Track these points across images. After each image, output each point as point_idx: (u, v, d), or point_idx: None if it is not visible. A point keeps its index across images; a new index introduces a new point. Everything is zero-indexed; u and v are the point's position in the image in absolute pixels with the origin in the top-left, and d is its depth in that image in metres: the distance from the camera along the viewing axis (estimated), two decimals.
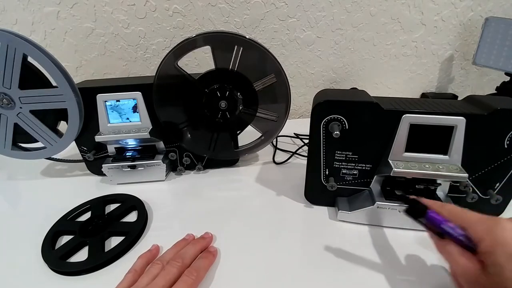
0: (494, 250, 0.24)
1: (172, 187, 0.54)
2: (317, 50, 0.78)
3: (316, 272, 0.36)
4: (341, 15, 0.74)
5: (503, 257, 0.23)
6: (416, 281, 0.35)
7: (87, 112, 0.50)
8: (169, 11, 0.69)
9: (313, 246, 0.40)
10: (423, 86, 0.88)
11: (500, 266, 0.23)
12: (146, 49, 0.73)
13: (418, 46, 0.81)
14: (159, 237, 0.42)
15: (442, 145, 0.37)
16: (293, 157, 0.63)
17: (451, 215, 0.29)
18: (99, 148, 0.54)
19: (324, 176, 0.44)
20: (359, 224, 0.43)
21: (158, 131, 0.52)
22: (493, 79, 0.88)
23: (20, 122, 0.49)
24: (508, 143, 0.37)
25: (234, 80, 0.49)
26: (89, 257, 0.38)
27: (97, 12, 0.67)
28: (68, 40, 0.70)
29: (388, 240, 0.40)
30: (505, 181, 0.39)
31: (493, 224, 0.26)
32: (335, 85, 0.84)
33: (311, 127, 0.41)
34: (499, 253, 0.24)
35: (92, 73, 0.75)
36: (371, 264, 0.37)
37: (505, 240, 0.24)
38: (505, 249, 0.24)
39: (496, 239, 0.24)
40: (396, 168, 0.37)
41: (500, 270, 0.23)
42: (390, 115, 0.37)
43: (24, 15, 0.66)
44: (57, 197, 0.53)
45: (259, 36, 0.74)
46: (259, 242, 0.41)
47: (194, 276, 0.33)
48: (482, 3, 0.77)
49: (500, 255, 0.24)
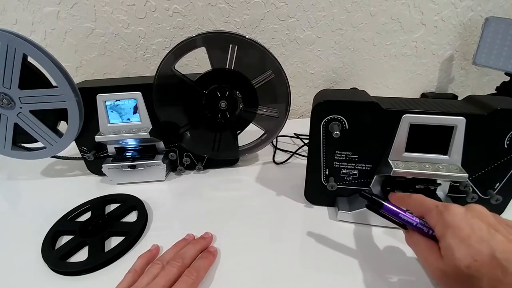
0: (445, 234, 0.25)
1: (172, 187, 0.54)
2: (317, 50, 0.78)
3: (316, 272, 0.36)
4: (341, 15, 0.74)
5: (453, 240, 0.24)
6: (416, 281, 0.35)
7: (87, 112, 0.50)
8: (169, 11, 0.69)
9: (313, 246, 0.40)
10: (423, 86, 0.88)
11: (451, 248, 0.24)
12: (146, 49, 0.73)
13: (418, 46, 0.81)
14: (159, 237, 0.42)
15: (442, 145, 0.37)
16: (293, 157, 0.63)
17: (415, 204, 0.30)
18: (99, 148, 0.54)
19: (324, 176, 0.44)
20: (359, 224, 0.43)
21: (158, 131, 0.52)
22: (493, 79, 0.88)
23: (20, 122, 0.49)
24: (508, 143, 0.37)
25: (232, 79, 0.49)
26: (89, 257, 0.38)
27: (97, 12, 0.67)
28: (68, 40, 0.70)
29: (388, 240, 0.40)
30: (505, 181, 0.39)
31: (443, 209, 0.27)
32: (335, 85, 0.84)
33: (311, 127, 0.41)
34: (449, 236, 0.25)
35: (92, 73, 0.75)
36: (371, 264, 0.37)
37: (454, 224, 0.25)
38: (455, 232, 0.25)
39: (446, 223, 0.26)
40: (396, 168, 0.37)
41: (451, 252, 0.24)
42: (390, 115, 0.37)
43: (24, 15, 0.66)
44: (57, 197, 0.53)
45: (259, 36, 0.74)
46: (259, 242, 0.41)
47: (194, 276, 0.33)
48: (482, 3, 0.77)
49: (450, 237, 0.25)
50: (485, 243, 0.23)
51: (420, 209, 0.30)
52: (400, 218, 0.30)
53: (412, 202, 0.31)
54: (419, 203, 0.30)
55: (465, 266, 0.23)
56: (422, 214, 0.29)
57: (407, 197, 0.32)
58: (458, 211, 0.26)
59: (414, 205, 0.31)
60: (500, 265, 0.22)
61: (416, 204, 0.30)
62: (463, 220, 0.25)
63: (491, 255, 0.22)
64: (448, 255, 0.24)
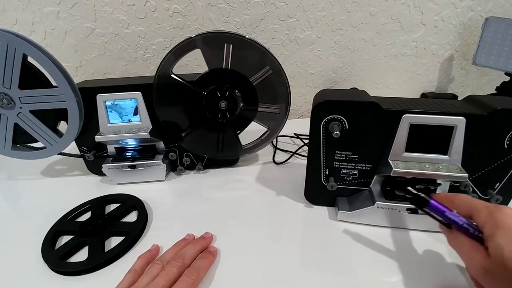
0: (495, 233, 0.25)
1: (172, 187, 0.54)
2: (317, 50, 0.78)
3: (316, 272, 0.36)
4: (341, 15, 0.74)
5: (503, 239, 0.24)
6: (416, 281, 0.35)
7: (87, 112, 0.50)
8: (169, 11, 0.69)
9: (313, 246, 0.40)
10: (423, 86, 0.88)
11: (500, 248, 0.24)
12: (146, 49, 0.73)
13: (418, 46, 0.81)
14: (159, 237, 0.42)
15: (442, 145, 0.37)
16: (293, 157, 0.63)
17: (462, 203, 0.30)
18: (99, 148, 0.54)
19: (324, 176, 0.44)
20: (359, 224, 0.43)
21: (158, 131, 0.52)
22: (493, 79, 0.88)
23: (20, 122, 0.49)
24: (508, 143, 0.37)
25: (230, 78, 0.49)
26: (89, 257, 0.38)
27: (97, 12, 0.67)
28: (68, 40, 0.70)
29: (388, 240, 0.40)
30: (505, 181, 0.39)
31: (494, 209, 0.27)
32: (335, 85, 0.84)
33: (311, 127, 0.41)
34: (499, 235, 0.25)
35: (92, 73, 0.75)
36: (371, 264, 0.37)
37: (505, 224, 0.25)
38: (505, 232, 0.25)
39: (497, 223, 0.26)
40: (396, 168, 0.37)
41: (501, 252, 0.24)
42: (390, 115, 0.37)
43: (24, 15, 0.66)
44: (57, 197, 0.53)
45: (259, 36, 0.74)
46: (259, 242, 0.41)
47: (194, 276, 0.33)
48: (482, 3, 0.77)
49: (500, 237, 0.25)
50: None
51: (468, 208, 0.29)
52: (445, 216, 0.30)
53: (459, 201, 0.30)
54: (467, 203, 0.30)
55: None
56: (469, 214, 0.29)
57: (453, 197, 0.31)
58: (510, 212, 0.26)
59: (461, 205, 0.30)
60: None
61: (464, 204, 0.30)
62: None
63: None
64: (497, 254, 0.24)
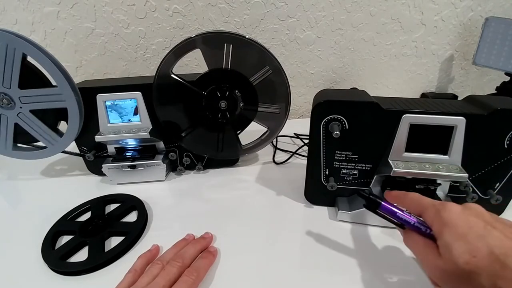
0: (442, 231, 0.25)
1: (172, 187, 0.54)
2: (317, 50, 0.78)
3: (316, 272, 0.36)
4: (341, 15, 0.74)
5: (450, 237, 0.24)
6: (416, 281, 0.35)
7: (87, 112, 0.50)
8: (169, 11, 0.69)
9: (313, 246, 0.40)
10: (423, 86, 0.88)
11: (449, 246, 0.24)
12: (146, 49, 0.73)
13: (418, 46, 0.81)
14: (159, 237, 0.42)
15: (442, 145, 0.37)
16: (293, 157, 0.63)
17: (412, 203, 0.30)
18: (99, 148, 0.54)
19: (324, 176, 0.44)
20: (359, 224, 0.43)
21: (158, 131, 0.52)
22: (493, 79, 0.88)
23: (20, 122, 0.49)
24: (508, 143, 0.37)
25: (230, 78, 0.49)
26: (89, 257, 0.38)
27: (97, 12, 0.67)
28: (68, 40, 0.70)
29: (388, 240, 0.40)
30: (505, 181, 0.39)
31: (440, 207, 0.27)
32: (335, 85, 0.84)
33: (311, 127, 0.41)
34: (447, 234, 0.25)
35: (92, 73, 0.75)
36: (371, 264, 0.37)
37: (451, 221, 0.25)
38: (451, 229, 0.25)
39: (443, 221, 0.26)
40: (396, 168, 0.37)
41: (449, 250, 0.24)
42: (390, 115, 0.37)
43: (24, 15, 0.66)
44: (57, 197, 0.53)
45: (259, 36, 0.74)
46: (259, 242, 0.41)
47: (194, 276, 0.33)
48: (482, 3, 0.77)
49: (448, 235, 0.25)
50: (482, 240, 0.23)
51: (417, 207, 0.29)
52: (397, 217, 0.30)
53: (409, 200, 0.31)
54: (416, 202, 0.30)
55: (463, 262, 0.23)
56: (419, 213, 0.29)
57: (404, 196, 0.32)
58: (455, 209, 0.26)
59: (410, 204, 0.30)
60: (499, 260, 0.22)
61: (413, 203, 0.30)
62: (460, 218, 0.25)
63: (489, 251, 0.22)
64: (447, 253, 0.24)
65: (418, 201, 0.30)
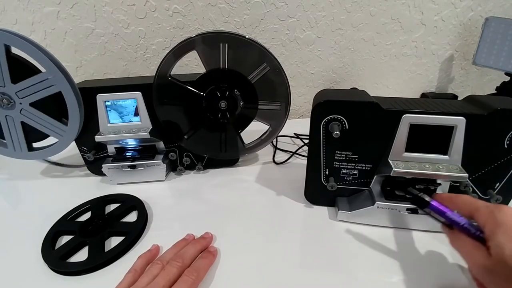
0: (495, 232, 0.25)
1: (172, 187, 0.54)
2: (317, 50, 0.78)
3: (316, 272, 0.36)
4: (341, 15, 0.74)
5: (503, 238, 0.25)
6: (416, 281, 0.35)
7: (87, 112, 0.50)
8: (169, 11, 0.69)
9: (313, 246, 0.40)
10: (423, 86, 0.88)
11: (501, 246, 0.24)
12: (146, 49, 0.73)
13: (418, 46, 0.81)
14: (159, 237, 0.42)
15: (442, 145, 0.37)
16: (293, 157, 0.63)
17: (464, 204, 0.30)
18: (99, 148, 0.54)
19: (324, 176, 0.44)
20: (359, 224, 0.43)
21: (158, 131, 0.52)
22: (493, 79, 0.88)
23: (25, 119, 0.49)
24: (508, 143, 0.37)
25: (228, 78, 0.49)
26: (89, 257, 0.38)
27: (97, 12, 0.67)
28: (68, 40, 0.70)
29: (388, 240, 0.40)
30: (505, 181, 0.39)
31: (494, 209, 0.27)
32: (335, 85, 0.84)
33: (311, 127, 0.41)
34: (499, 234, 0.25)
35: (92, 73, 0.75)
36: (371, 264, 0.37)
37: (505, 222, 0.25)
38: (505, 231, 0.25)
39: (497, 223, 0.26)
40: (396, 168, 0.37)
41: (501, 250, 0.24)
42: (390, 115, 0.37)
43: (24, 15, 0.66)
44: (57, 197, 0.53)
45: (259, 36, 0.74)
46: (259, 242, 0.41)
47: (194, 276, 0.33)
48: (482, 3, 0.77)
49: (501, 235, 0.25)
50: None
51: (469, 208, 0.29)
52: (447, 217, 0.30)
53: (460, 202, 0.31)
54: (468, 203, 0.30)
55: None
56: (470, 213, 0.29)
57: (455, 197, 0.32)
58: (510, 211, 0.26)
59: (462, 205, 0.30)
60: None
61: (465, 204, 0.30)
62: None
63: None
64: (498, 253, 0.24)
65: (470, 202, 0.30)
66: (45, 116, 0.49)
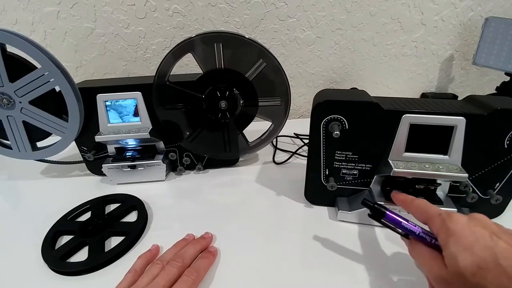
0: (448, 241, 0.25)
1: (172, 187, 0.54)
2: (317, 50, 0.78)
3: (316, 272, 0.36)
4: (341, 15, 0.74)
5: (455, 248, 0.24)
6: (416, 281, 0.35)
7: (87, 112, 0.50)
8: (169, 11, 0.69)
9: (313, 246, 0.40)
10: (423, 86, 0.88)
11: (454, 257, 0.24)
12: (146, 49, 0.73)
13: (418, 46, 0.81)
14: (159, 237, 0.42)
15: (442, 145, 0.37)
16: (293, 157, 0.63)
17: (418, 210, 0.30)
18: (99, 148, 0.54)
19: (324, 176, 0.44)
20: (359, 224, 0.43)
21: (158, 131, 0.52)
22: (493, 79, 0.88)
23: (26, 118, 0.49)
24: (508, 143, 0.37)
25: (226, 77, 0.49)
26: (89, 257, 0.38)
27: (97, 12, 0.67)
28: (68, 40, 0.70)
29: (388, 240, 0.40)
30: (505, 181, 0.39)
31: (446, 217, 0.27)
32: (335, 85, 0.84)
33: (311, 127, 0.41)
34: (452, 244, 0.24)
35: (92, 73, 0.75)
36: (371, 264, 0.37)
37: (457, 232, 0.25)
38: (458, 240, 0.24)
39: (449, 231, 0.25)
40: (396, 168, 0.37)
41: (456, 261, 0.24)
42: (390, 115, 0.37)
43: (24, 15, 0.66)
44: (57, 197, 0.53)
45: (259, 36, 0.74)
46: (259, 242, 0.41)
47: (194, 276, 0.33)
48: (482, 3, 0.77)
49: (453, 246, 0.24)
50: (489, 251, 0.23)
51: (423, 215, 0.29)
52: (402, 227, 0.30)
53: (415, 207, 0.30)
54: (422, 209, 0.30)
55: (470, 274, 0.23)
56: (424, 220, 0.29)
57: (410, 201, 0.31)
58: (461, 219, 0.26)
59: (416, 211, 0.30)
60: (505, 272, 0.22)
61: (419, 210, 0.30)
62: (466, 228, 0.25)
63: (496, 262, 0.22)
64: (453, 264, 0.24)
65: (425, 209, 0.29)
66: (46, 113, 0.49)
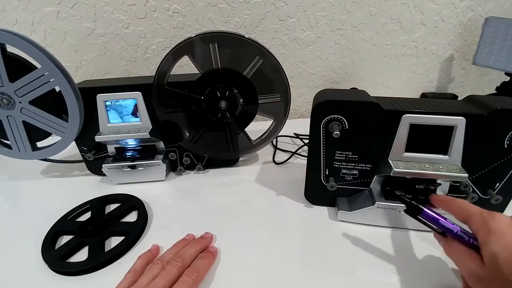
0: (488, 240, 0.25)
1: (172, 187, 0.54)
2: (317, 50, 0.78)
3: (316, 272, 0.36)
4: (341, 15, 0.74)
5: (496, 246, 0.24)
6: (416, 281, 0.35)
7: (87, 112, 0.50)
8: (169, 11, 0.69)
9: (313, 246, 0.40)
10: (423, 86, 0.88)
11: (494, 256, 0.24)
12: (146, 49, 0.73)
13: (418, 46, 0.81)
14: (159, 237, 0.42)
15: (442, 145, 0.37)
16: (293, 157, 0.63)
17: (459, 209, 0.30)
18: (99, 148, 0.54)
19: (324, 176, 0.44)
20: (359, 224, 0.43)
21: (158, 131, 0.52)
22: (493, 79, 0.88)
23: (26, 118, 0.49)
24: (508, 143, 0.37)
25: (224, 77, 0.49)
26: (89, 257, 0.38)
27: (97, 12, 0.67)
28: (68, 40, 0.70)
29: (388, 240, 0.40)
30: (505, 181, 0.39)
31: (487, 216, 0.27)
32: (335, 85, 0.84)
33: (311, 127, 0.41)
34: (492, 243, 0.24)
35: (92, 73, 0.75)
36: (371, 264, 0.37)
37: (498, 230, 0.25)
38: (498, 239, 0.24)
39: (490, 230, 0.25)
40: (396, 168, 0.37)
41: (495, 260, 0.24)
42: (390, 115, 0.37)
43: (24, 15, 0.66)
44: (57, 197, 0.53)
45: (259, 36, 0.74)
46: (259, 242, 0.41)
47: (194, 276, 0.33)
48: (482, 3, 0.77)
49: (494, 244, 0.24)
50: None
51: (464, 214, 0.29)
52: (440, 224, 0.29)
53: (456, 206, 0.30)
54: (463, 208, 0.30)
55: (509, 272, 0.23)
56: (464, 219, 0.29)
57: (451, 201, 0.31)
58: (503, 218, 0.26)
59: (457, 210, 0.30)
60: None
61: (460, 209, 0.30)
62: (508, 228, 0.25)
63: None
64: (492, 262, 0.24)
65: (466, 207, 0.29)
66: (46, 113, 0.49)
